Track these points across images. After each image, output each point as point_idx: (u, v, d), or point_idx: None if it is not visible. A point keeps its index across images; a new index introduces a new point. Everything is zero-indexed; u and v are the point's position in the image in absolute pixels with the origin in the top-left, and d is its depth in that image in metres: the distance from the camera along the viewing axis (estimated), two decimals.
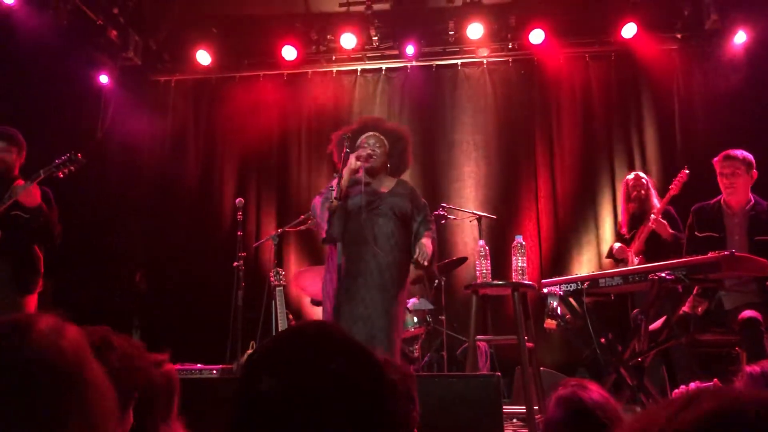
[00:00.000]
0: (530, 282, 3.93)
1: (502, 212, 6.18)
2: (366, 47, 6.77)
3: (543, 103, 6.69)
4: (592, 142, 6.53)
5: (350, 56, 6.84)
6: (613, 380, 3.66)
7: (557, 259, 6.31)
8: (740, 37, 6.07)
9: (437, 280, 5.06)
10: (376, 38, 6.66)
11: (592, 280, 3.77)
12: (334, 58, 6.90)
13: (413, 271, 3.68)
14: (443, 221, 5.24)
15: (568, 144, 6.57)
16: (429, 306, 5.07)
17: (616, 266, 4.77)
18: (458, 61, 6.83)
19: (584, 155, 6.51)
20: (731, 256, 3.27)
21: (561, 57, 6.62)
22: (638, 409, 3.39)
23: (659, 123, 6.43)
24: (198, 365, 4.61)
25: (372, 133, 3.77)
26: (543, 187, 6.50)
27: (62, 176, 3.90)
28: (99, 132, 6.52)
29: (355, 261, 3.50)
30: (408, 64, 6.84)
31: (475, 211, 5.38)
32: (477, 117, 6.72)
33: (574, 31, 6.57)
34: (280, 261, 6.34)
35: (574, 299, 3.84)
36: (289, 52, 6.67)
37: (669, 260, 3.57)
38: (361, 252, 3.51)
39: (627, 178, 5.07)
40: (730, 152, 4.01)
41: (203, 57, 6.80)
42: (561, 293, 3.83)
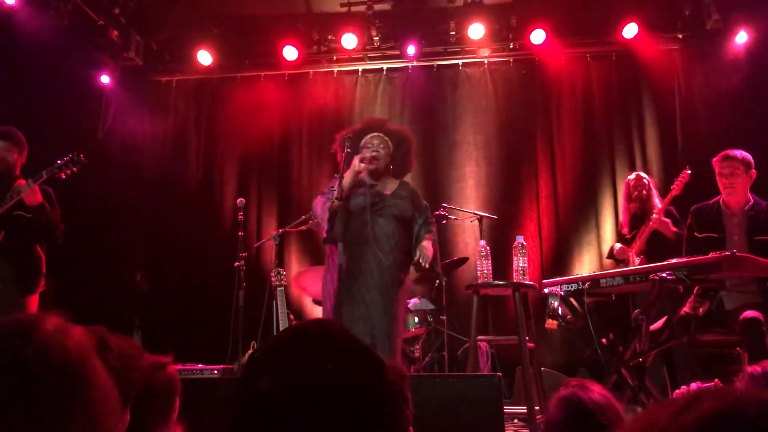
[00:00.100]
0: (531, 282, 3.93)
1: (503, 212, 6.18)
2: (367, 47, 6.77)
3: (544, 103, 6.68)
4: (593, 142, 6.52)
5: (351, 56, 6.85)
6: (614, 380, 3.65)
7: (558, 260, 6.31)
8: (741, 37, 6.06)
9: (439, 281, 5.07)
10: (377, 38, 6.66)
11: (593, 281, 3.77)
12: (335, 59, 6.90)
13: (414, 272, 3.69)
14: (444, 221, 5.24)
15: (569, 144, 6.57)
16: (430, 306, 5.07)
17: (617, 267, 4.77)
18: (459, 61, 6.83)
19: (585, 155, 6.51)
20: (732, 257, 3.27)
21: (562, 57, 6.62)
22: (639, 410, 3.39)
23: (660, 123, 6.42)
24: (199, 365, 4.61)
25: (376, 134, 3.77)
26: (544, 187, 6.49)
27: (64, 177, 3.90)
28: (100, 132, 6.53)
29: (356, 261, 3.50)
30: (409, 65, 6.84)
31: (476, 212, 5.37)
32: (478, 117, 6.72)
33: (575, 31, 6.57)
34: (281, 261, 6.34)
35: (575, 299, 3.83)
36: (290, 53, 6.67)
37: (670, 260, 3.57)
38: (362, 252, 3.52)
39: (628, 179, 5.07)
40: (729, 152, 4.01)
41: (204, 57, 6.80)
42: (562, 293, 3.83)
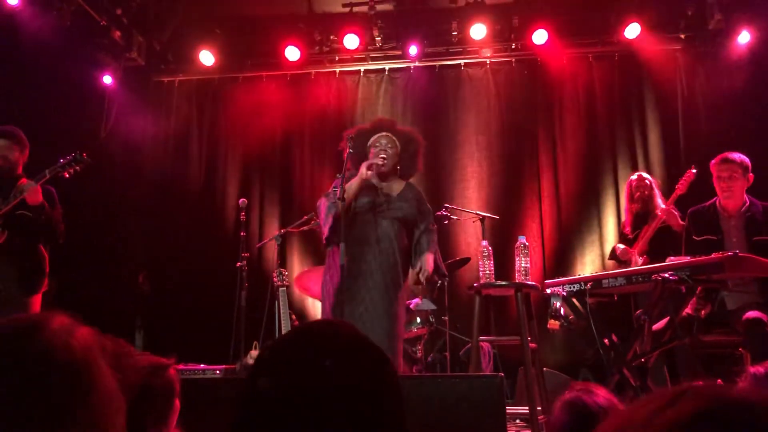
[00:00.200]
0: (533, 282, 3.92)
1: (505, 213, 6.18)
2: (369, 48, 6.77)
3: (546, 104, 6.68)
4: (596, 143, 6.51)
5: (353, 57, 6.84)
6: (617, 381, 3.65)
7: (560, 260, 6.30)
8: (744, 37, 6.05)
9: (440, 281, 5.06)
10: (379, 39, 6.66)
11: (596, 281, 3.76)
12: (337, 59, 6.90)
13: (413, 274, 3.71)
14: (446, 221, 5.24)
15: (572, 144, 6.56)
16: (432, 306, 5.07)
17: (620, 267, 4.76)
18: (461, 62, 6.83)
19: (587, 156, 6.50)
20: (735, 257, 3.26)
21: (564, 57, 6.61)
22: None
23: (662, 123, 6.41)
24: (201, 365, 4.62)
25: (384, 134, 3.79)
26: (546, 188, 6.48)
27: (68, 176, 3.90)
28: (102, 132, 6.53)
29: (357, 261, 3.51)
30: (411, 65, 6.84)
31: (478, 212, 5.37)
32: (480, 117, 6.71)
33: (578, 32, 6.56)
34: (284, 261, 6.35)
35: (578, 300, 3.83)
36: (292, 53, 6.67)
37: (672, 261, 3.56)
38: (364, 253, 3.53)
39: (630, 179, 5.06)
40: (728, 155, 4.01)
41: (206, 57, 6.81)
42: (564, 294, 3.83)
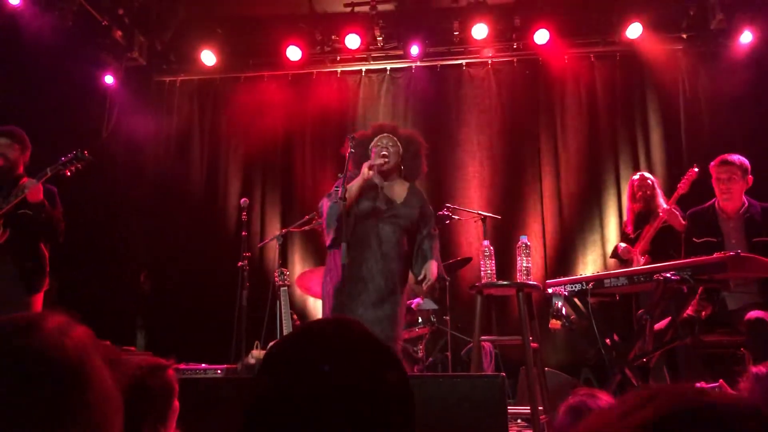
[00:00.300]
0: (535, 282, 3.92)
1: (507, 212, 6.18)
2: (371, 47, 6.77)
3: (548, 104, 6.67)
4: (597, 143, 6.51)
5: (355, 56, 6.84)
6: (618, 381, 3.64)
7: (562, 260, 6.30)
8: (746, 37, 6.04)
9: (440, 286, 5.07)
10: (381, 38, 6.66)
11: (597, 281, 3.76)
12: (339, 59, 6.91)
13: (416, 280, 3.73)
14: (448, 221, 5.24)
15: (573, 144, 6.55)
16: (433, 306, 5.06)
17: (621, 266, 4.76)
18: (463, 62, 6.82)
19: (589, 155, 6.49)
20: (737, 257, 3.25)
21: (566, 57, 6.61)
22: None
23: (664, 123, 6.41)
24: (202, 365, 4.62)
25: (386, 135, 3.80)
26: (548, 187, 6.48)
27: (69, 174, 3.89)
28: (104, 132, 6.54)
29: (359, 265, 3.51)
30: (413, 65, 6.84)
31: (480, 211, 5.37)
32: (482, 117, 6.71)
33: (579, 32, 6.56)
34: (285, 261, 6.35)
35: (579, 299, 3.82)
36: (294, 53, 6.68)
37: (674, 261, 3.56)
38: (366, 255, 3.54)
39: (633, 178, 5.06)
40: (727, 157, 4.00)
41: (208, 57, 6.81)
42: (566, 293, 3.82)
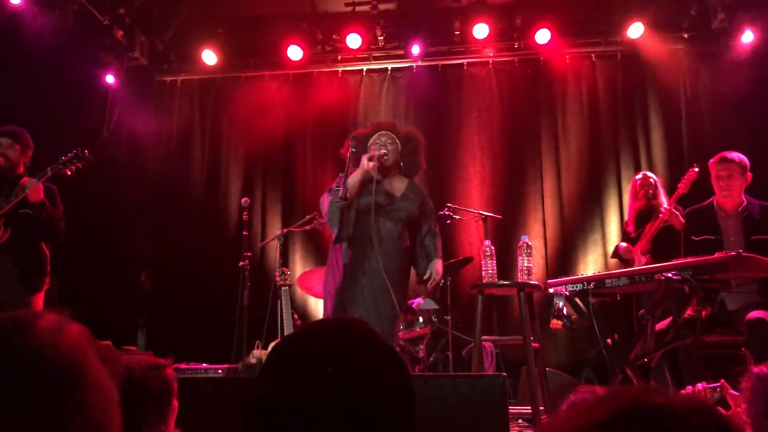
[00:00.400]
0: (536, 282, 3.92)
1: (508, 212, 6.18)
2: (372, 47, 6.77)
3: (549, 103, 6.67)
4: (598, 142, 6.50)
5: (356, 56, 6.84)
6: (620, 381, 3.64)
7: (563, 259, 6.29)
8: (747, 37, 6.03)
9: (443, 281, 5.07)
10: (382, 38, 6.66)
11: (598, 281, 3.75)
12: (340, 58, 6.90)
13: (418, 278, 3.72)
14: (448, 221, 5.23)
15: (574, 144, 6.55)
16: (434, 306, 5.06)
17: (622, 266, 4.75)
18: (464, 61, 6.82)
19: (590, 155, 6.49)
20: (738, 256, 3.24)
21: (567, 57, 6.61)
22: None
23: (665, 123, 6.40)
24: (203, 365, 4.62)
25: (384, 132, 3.80)
26: (549, 187, 6.48)
27: (70, 174, 3.90)
28: (105, 132, 6.54)
29: (360, 261, 3.51)
30: (414, 64, 6.83)
31: (481, 211, 5.37)
32: (483, 117, 6.70)
33: (580, 31, 6.56)
34: (286, 261, 6.35)
35: (580, 299, 3.81)
36: (295, 52, 6.68)
37: (675, 260, 3.55)
38: (366, 252, 3.53)
39: (635, 178, 5.07)
40: (726, 155, 4.00)
41: (209, 57, 6.81)
42: (567, 293, 3.81)
